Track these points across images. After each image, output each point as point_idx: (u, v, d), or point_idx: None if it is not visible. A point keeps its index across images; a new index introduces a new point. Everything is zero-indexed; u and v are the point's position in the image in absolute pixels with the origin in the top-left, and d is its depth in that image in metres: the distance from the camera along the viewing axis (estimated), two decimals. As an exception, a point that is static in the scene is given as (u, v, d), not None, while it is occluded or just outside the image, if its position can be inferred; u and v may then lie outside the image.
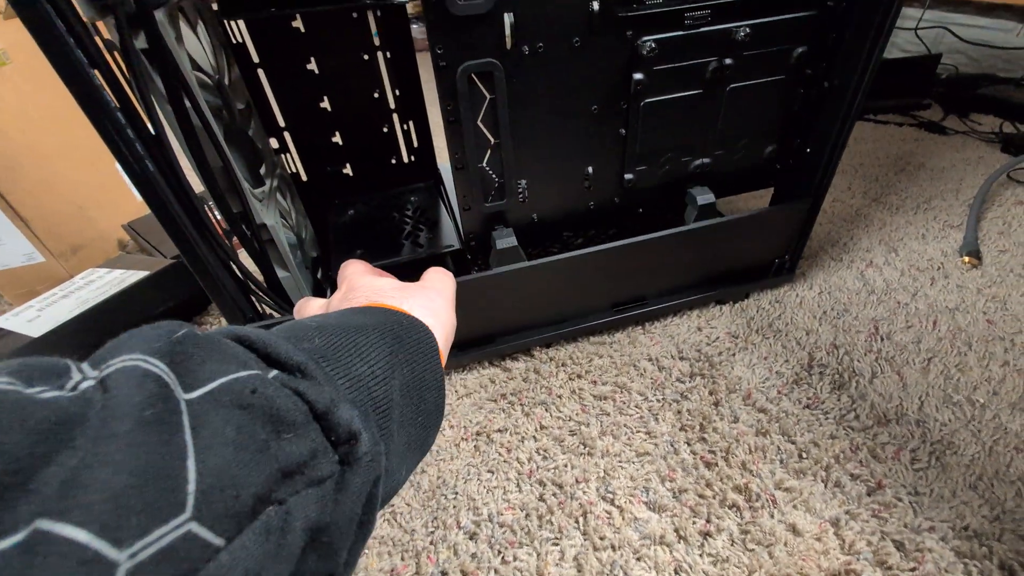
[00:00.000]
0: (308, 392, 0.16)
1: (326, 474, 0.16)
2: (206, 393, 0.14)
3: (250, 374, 0.15)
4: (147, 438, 0.12)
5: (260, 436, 0.14)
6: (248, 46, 0.53)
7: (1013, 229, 0.68)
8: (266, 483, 0.14)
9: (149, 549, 0.11)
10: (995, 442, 0.44)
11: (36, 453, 0.11)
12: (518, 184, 0.48)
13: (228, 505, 0.13)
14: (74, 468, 0.11)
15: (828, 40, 0.47)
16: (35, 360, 0.13)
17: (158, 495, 0.12)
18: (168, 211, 0.37)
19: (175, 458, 0.12)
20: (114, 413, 0.12)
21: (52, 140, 0.74)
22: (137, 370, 0.13)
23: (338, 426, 0.16)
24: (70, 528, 0.10)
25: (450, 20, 0.37)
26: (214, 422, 0.14)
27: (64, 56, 0.30)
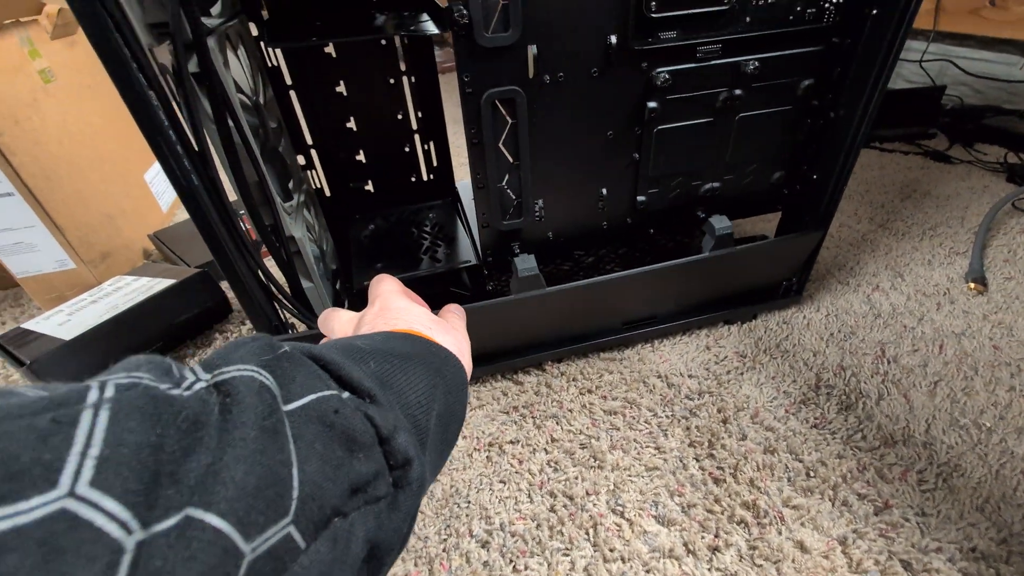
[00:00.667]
0: (376, 417, 0.17)
1: (382, 494, 0.17)
2: (300, 407, 0.15)
3: (332, 394, 0.17)
4: (268, 445, 0.13)
5: (338, 453, 0.16)
6: (283, 69, 0.57)
7: (1018, 257, 0.69)
8: (340, 497, 0.15)
9: (264, 545, 0.12)
10: (1002, 465, 0.45)
11: (183, 446, 0.12)
12: (535, 203, 0.50)
13: (314, 513, 0.14)
14: (209, 464, 0.12)
15: (834, 73, 0.49)
16: (151, 358, 0.14)
17: (275, 498, 0.13)
18: (208, 221, 0.39)
19: (286, 466, 0.14)
20: (242, 419, 0.13)
21: (88, 153, 0.78)
22: (255, 381, 0.15)
23: (397, 452, 0.18)
24: (215, 518, 0.11)
25: (478, 51, 0.40)
26: (307, 435, 0.15)
27: (127, 79, 0.32)
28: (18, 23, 0.69)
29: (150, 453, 0.11)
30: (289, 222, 0.50)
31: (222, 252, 0.41)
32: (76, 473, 0.10)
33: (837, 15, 0.45)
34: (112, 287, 0.70)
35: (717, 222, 0.53)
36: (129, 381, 0.12)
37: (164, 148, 0.35)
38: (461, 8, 0.38)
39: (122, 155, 0.86)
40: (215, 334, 0.71)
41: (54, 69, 0.74)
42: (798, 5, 0.44)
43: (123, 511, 0.10)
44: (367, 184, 0.69)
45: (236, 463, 0.13)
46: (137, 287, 0.69)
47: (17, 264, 0.73)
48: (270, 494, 0.13)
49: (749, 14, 0.44)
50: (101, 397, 0.11)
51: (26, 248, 0.72)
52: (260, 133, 0.49)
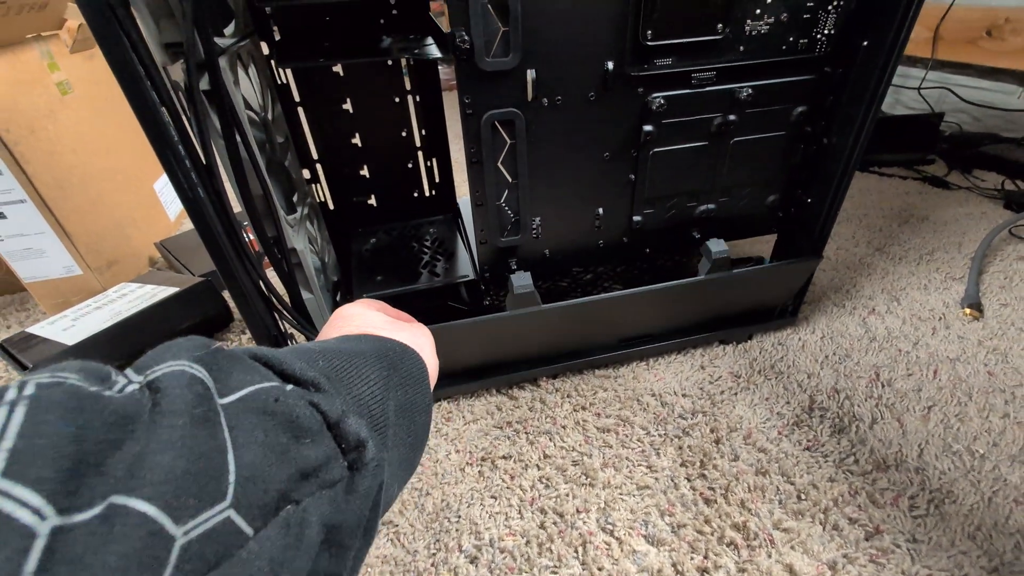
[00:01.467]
0: (322, 403, 0.18)
1: (337, 477, 0.17)
2: (237, 399, 0.16)
3: (272, 385, 0.17)
4: (198, 432, 0.14)
5: (282, 440, 0.16)
6: (292, 87, 0.59)
7: (1015, 284, 0.69)
8: (287, 482, 0.15)
9: (198, 529, 0.13)
10: (994, 493, 0.45)
11: (109, 439, 0.12)
12: (533, 221, 0.51)
13: (258, 498, 0.14)
14: (138, 454, 0.12)
15: (826, 101, 0.50)
16: (85, 363, 0.14)
17: (207, 482, 0.13)
18: (212, 233, 0.40)
19: (219, 452, 0.14)
20: (171, 408, 0.14)
21: (101, 163, 0.80)
22: (185, 374, 0.15)
23: (348, 435, 0.18)
24: (140, 502, 0.12)
25: (479, 74, 0.41)
26: (245, 425, 0.15)
27: (140, 95, 0.34)
28: (40, 37, 0.71)
29: (69, 443, 0.11)
30: (292, 234, 0.51)
31: (224, 262, 0.42)
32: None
33: (829, 45, 0.47)
34: (117, 294, 0.71)
35: (714, 245, 0.53)
36: (51, 380, 0.12)
37: (172, 161, 0.36)
38: (463, 34, 0.39)
39: (134, 165, 0.88)
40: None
41: (72, 82, 0.76)
42: (791, 35, 0.46)
43: (35, 498, 0.10)
44: (370, 198, 0.70)
45: (164, 449, 0.13)
46: (141, 294, 0.70)
47: (25, 269, 0.74)
48: (202, 478, 0.13)
49: (742, 43, 0.45)
50: (19, 395, 0.12)
51: (35, 254, 0.73)
52: (267, 148, 0.51)
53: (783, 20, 0.45)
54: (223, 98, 0.39)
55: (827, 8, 0.45)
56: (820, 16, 0.45)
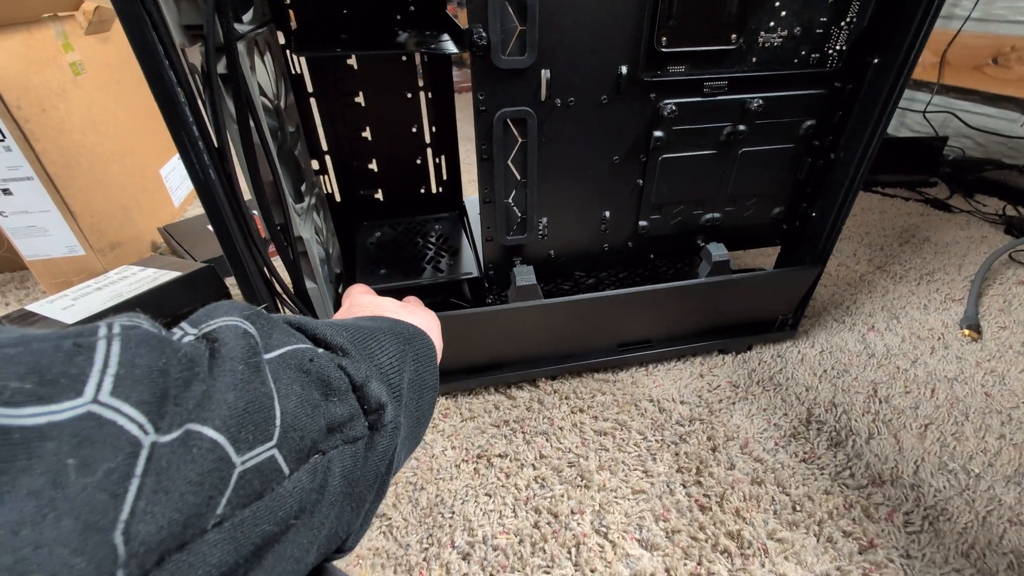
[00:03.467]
0: (349, 367, 0.19)
1: (359, 435, 0.19)
2: (278, 356, 0.17)
3: (307, 347, 0.19)
4: (252, 377, 0.15)
5: (315, 395, 0.17)
6: (305, 77, 0.59)
7: (1013, 307, 0.70)
8: (318, 433, 0.17)
9: (251, 461, 0.14)
10: (989, 512, 0.45)
11: (183, 377, 0.14)
12: (539, 221, 0.52)
13: (296, 443, 0.16)
14: (205, 392, 0.14)
15: (835, 117, 0.51)
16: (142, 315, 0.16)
17: (261, 421, 0.15)
18: (221, 215, 0.40)
19: (268, 397, 0.16)
20: (230, 355, 0.15)
21: (109, 145, 0.80)
22: (238, 327, 0.17)
23: (370, 398, 0.20)
24: (211, 431, 0.13)
25: (494, 72, 0.42)
26: (284, 378, 0.17)
27: (158, 75, 0.34)
28: (56, 17, 0.71)
29: (159, 375, 0.13)
30: (299, 222, 0.51)
31: (231, 245, 0.42)
32: (98, 386, 0.12)
33: (840, 61, 0.47)
34: (118, 276, 0.71)
35: (714, 249, 0.54)
36: (131, 323, 0.14)
37: (186, 142, 0.37)
38: (480, 31, 0.40)
39: (142, 149, 0.88)
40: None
41: (85, 63, 0.76)
42: (803, 49, 0.46)
43: (140, 415, 0.12)
44: (377, 192, 0.70)
45: (227, 389, 0.14)
46: (143, 277, 0.70)
47: (28, 247, 0.74)
48: (257, 418, 0.15)
49: (755, 54, 0.46)
50: (110, 332, 0.13)
51: (38, 232, 0.73)
52: (278, 135, 0.51)
53: (796, 34, 0.45)
54: (239, 82, 0.40)
55: (839, 24, 0.45)
56: (832, 32, 0.46)
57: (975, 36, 1.08)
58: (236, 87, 0.40)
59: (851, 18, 0.45)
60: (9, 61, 0.65)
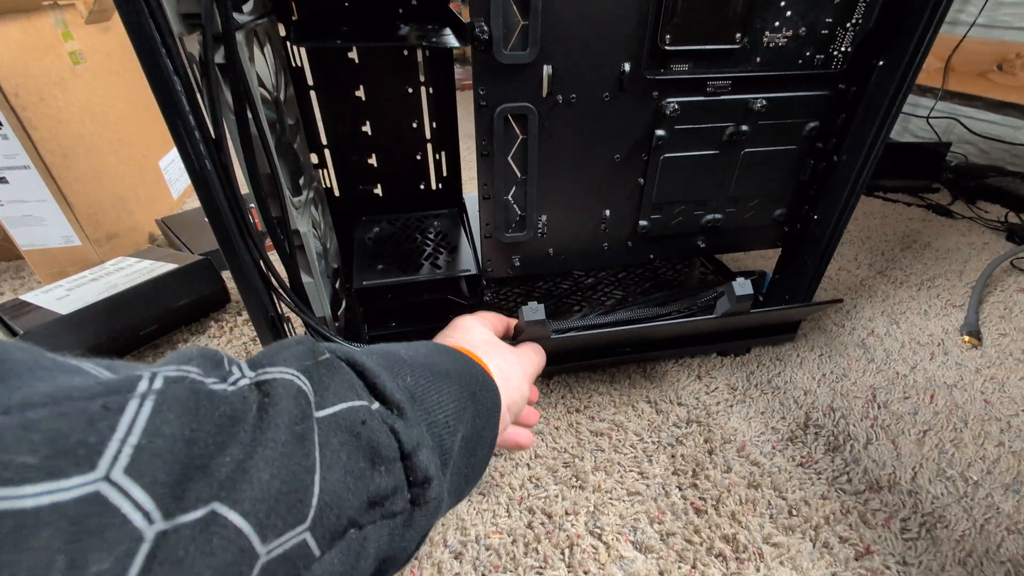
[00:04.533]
0: (401, 432, 0.18)
1: (399, 510, 0.17)
2: (330, 415, 0.16)
3: (362, 404, 0.17)
4: (295, 450, 0.14)
5: (361, 464, 0.16)
6: (305, 70, 0.58)
7: (1014, 314, 0.69)
8: (358, 509, 0.16)
9: (279, 549, 0.13)
10: (987, 520, 0.44)
11: (217, 441, 0.13)
12: (538, 219, 0.51)
13: (332, 522, 0.15)
14: (240, 461, 0.13)
15: (839, 119, 0.50)
16: (204, 351, 0.15)
17: (295, 503, 0.13)
18: (216, 207, 0.40)
19: (309, 473, 0.14)
20: (275, 421, 0.14)
21: (108, 135, 0.80)
22: (293, 385, 0.15)
23: (418, 468, 0.18)
24: (237, 516, 0.12)
25: (495, 66, 0.41)
26: (333, 443, 0.15)
27: (155, 64, 0.33)
28: (56, 5, 0.71)
29: (183, 446, 0.12)
30: (296, 216, 0.51)
31: (227, 237, 0.41)
32: (114, 458, 0.11)
33: (844, 63, 0.47)
34: (114, 267, 0.70)
35: (739, 288, 0.47)
36: (178, 374, 0.13)
37: (182, 132, 0.36)
38: (482, 24, 0.39)
39: (140, 140, 0.88)
40: (211, 322, 0.71)
41: (85, 52, 0.76)
42: (807, 50, 0.46)
43: (148, 501, 0.11)
44: (376, 188, 0.70)
45: (264, 465, 0.13)
46: (139, 269, 0.69)
47: (23, 236, 0.74)
48: (292, 499, 0.13)
49: (760, 54, 0.45)
50: (149, 388, 0.12)
51: (34, 221, 0.73)
52: (276, 128, 0.51)
53: (801, 34, 0.45)
54: (237, 73, 0.39)
55: (845, 26, 0.45)
56: (838, 33, 0.45)
57: (980, 42, 1.08)
58: (234, 78, 0.39)
59: (857, 19, 0.45)
60: (7, 49, 0.65)
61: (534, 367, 0.33)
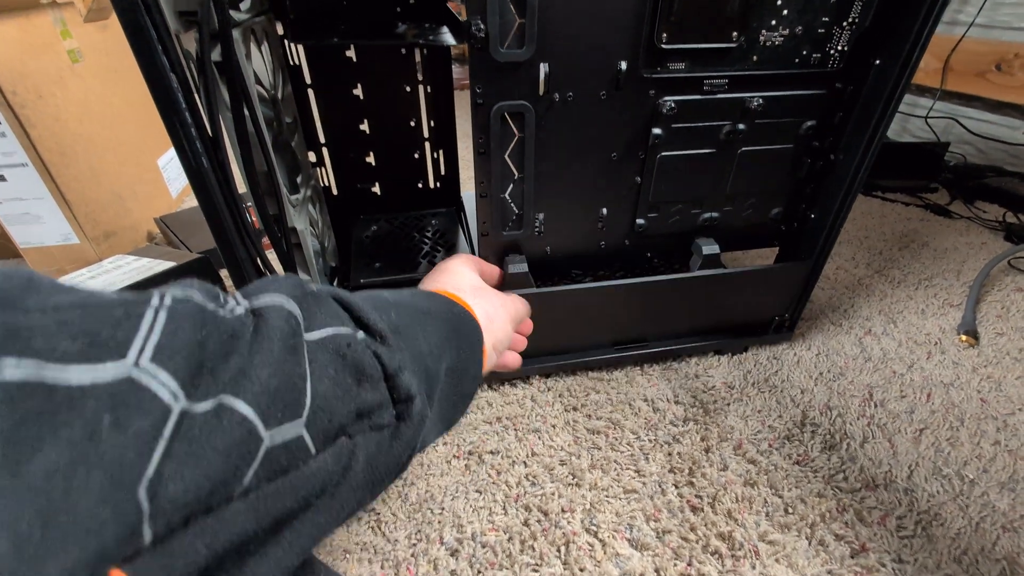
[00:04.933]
0: (384, 355, 0.20)
1: (386, 423, 0.19)
2: (318, 338, 0.18)
3: (347, 331, 0.19)
4: (288, 357, 0.16)
5: (347, 380, 0.18)
6: (303, 68, 0.58)
7: (1011, 314, 0.69)
8: (347, 417, 0.17)
9: (279, 437, 0.15)
10: (982, 519, 0.44)
11: (222, 351, 0.15)
12: (536, 217, 0.51)
13: (324, 424, 0.16)
14: (241, 367, 0.15)
15: (835, 118, 0.50)
16: (203, 284, 0.16)
17: (292, 400, 0.15)
18: (213, 204, 0.40)
19: (301, 378, 0.16)
20: (270, 334, 0.16)
21: (106, 133, 0.80)
22: (283, 308, 0.17)
23: (401, 387, 0.20)
24: (242, 404, 0.14)
25: (492, 64, 0.41)
26: (321, 360, 0.17)
27: (150, 59, 0.34)
28: (55, 3, 0.71)
29: (196, 347, 0.14)
30: (293, 214, 0.51)
31: (224, 235, 0.41)
32: (140, 351, 0.13)
33: (841, 62, 0.47)
34: (112, 265, 0.70)
35: (704, 243, 0.55)
36: (184, 295, 0.15)
37: (179, 129, 0.36)
38: (479, 22, 0.39)
39: (139, 139, 0.88)
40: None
41: (83, 50, 0.76)
42: (804, 49, 0.46)
43: (173, 382, 0.13)
44: (374, 186, 0.70)
45: (262, 366, 0.15)
46: (137, 267, 0.69)
47: (21, 234, 0.74)
48: (288, 396, 0.15)
49: (756, 53, 0.45)
50: (161, 303, 0.14)
51: (32, 219, 0.73)
52: (274, 125, 0.51)
53: (797, 33, 0.45)
54: (233, 70, 0.39)
55: (842, 24, 0.45)
56: (834, 32, 0.45)
57: (978, 42, 1.08)
58: (231, 75, 0.39)
59: (853, 18, 0.45)
60: (6, 47, 0.65)
61: (519, 312, 0.35)
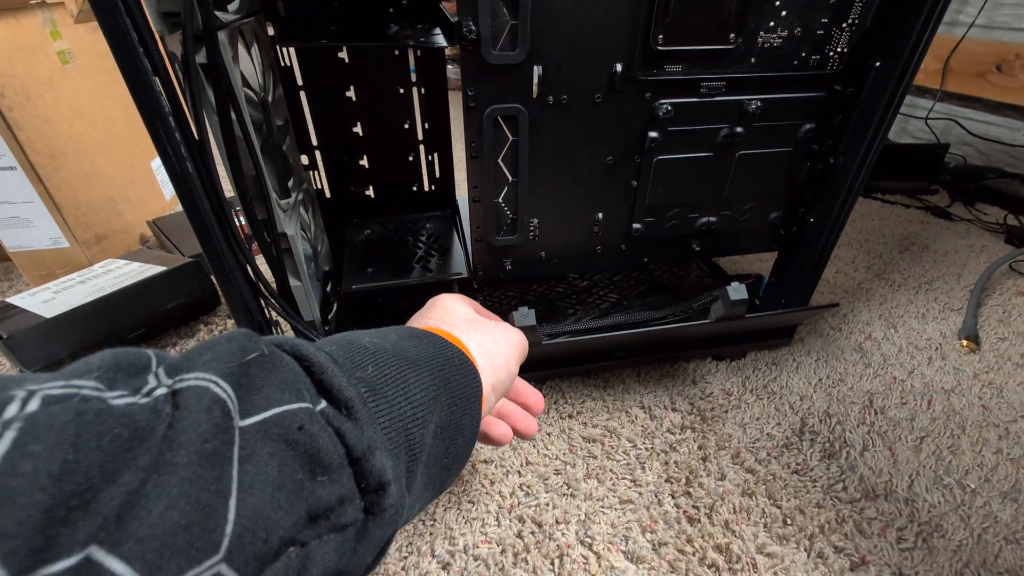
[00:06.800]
0: (348, 435, 0.16)
1: (349, 521, 0.16)
2: (259, 422, 0.14)
3: (300, 407, 0.15)
4: (201, 472, 0.12)
5: (298, 476, 0.14)
6: (295, 70, 0.58)
7: (1013, 318, 0.69)
8: (295, 526, 0.14)
9: None
10: (984, 530, 0.43)
11: (105, 471, 0.11)
12: (530, 222, 0.50)
13: (257, 548, 0.13)
14: (133, 492, 0.11)
15: (835, 120, 0.49)
16: (123, 356, 0.13)
17: (199, 536, 0.12)
18: (199, 210, 0.39)
19: (220, 496, 0.12)
20: (178, 439, 0.12)
21: (97, 136, 0.79)
22: (208, 393, 0.14)
23: (370, 474, 0.16)
24: (118, 563, 0.10)
25: (484, 67, 0.40)
26: (260, 456, 0.14)
27: (131, 62, 0.33)
28: (44, 4, 0.70)
29: (52, 484, 0.10)
30: (283, 218, 0.50)
31: (210, 241, 0.40)
32: None
33: (840, 64, 0.46)
34: (103, 269, 0.70)
35: (734, 292, 0.48)
36: (62, 392, 0.11)
37: (162, 133, 0.35)
38: (470, 24, 0.38)
39: (132, 141, 0.87)
40: (200, 325, 0.70)
41: (74, 51, 0.75)
42: (803, 51, 0.45)
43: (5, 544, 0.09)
44: (368, 189, 0.69)
45: (159, 494, 0.11)
46: (127, 271, 0.68)
47: (10, 238, 0.73)
48: (194, 532, 0.12)
49: (754, 55, 0.44)
50: (18, 413, 0.10)
51: (22, 223, 0.72)
52: (263, 129, 0.50)
53: (796, 35, 0.44)
54: (219, 73, 0.38)
55: (841, 26, 0.44)
56: (833, 33, 0.45)
57: (979, 43, 1.07)
58: (216, 78, 0.38)
59: (853, 19, 0.44)
60: (-7, 48, 0.64)
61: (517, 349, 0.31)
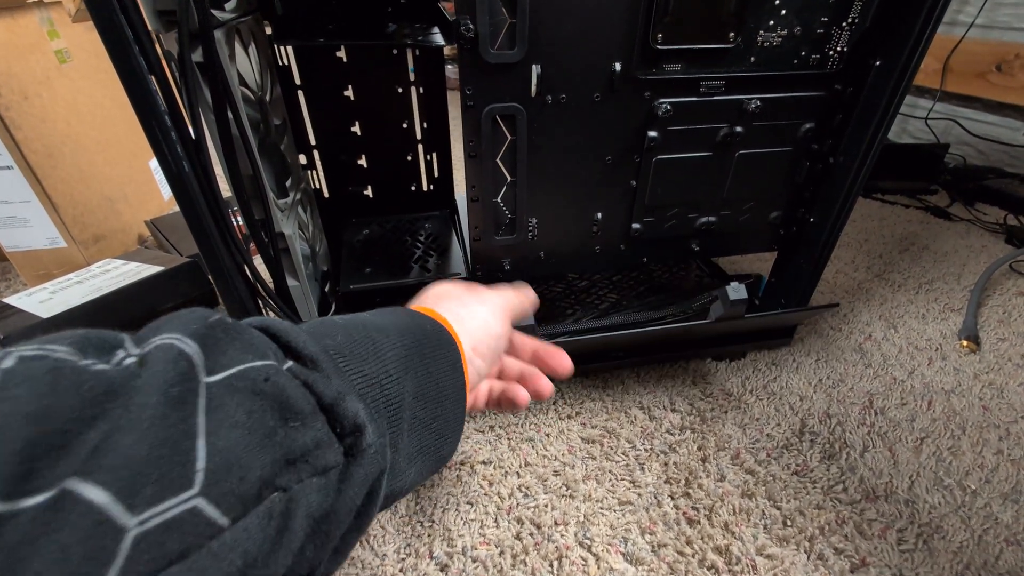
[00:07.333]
0: (316, 384, 0.17)
1: (331, 463, 0.16)
2: (224, 377, 0.15)
3: (265, 364, 0.16)
4: (168, 413, 0.13)
5: (268, 423, 0.15)
6: (293, 69, 0.57)
7: (1013, 319, 0.68)
8: (271, 468, 0.14)
9: (157, 518, 0.12)
10: (985, 531, 0.43)
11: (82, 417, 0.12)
12: (529, 221, 0.50)
13: (234, 486, 0.13)
14: (106, 432, 0.12)
15: (835, 120, 0.49)
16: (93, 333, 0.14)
17: (171, 468, 0.12)
18: (195, 210, 0.39)
19: (187, 436, 0.13)
20: (146, 385, 0.13)
21: (95, 135, 0.79)
22: (173, 348, 0.14)
23: (344, 418, 0.17)
24: (92, 488, 0.11)
25: (482, 66, 0.40)
26: (228, 405, 0.14)
27: (126, 60, 0.32)
28: (41, 3, 0.70)
29: (29, 423, 0.11)
30: (281, 218, 0.50)
31: (206, 241, 0.40)
32: None
33: (840, 63, 0.46)
34: (100, 269, 0.69)
35: (733, 292, 0.48)
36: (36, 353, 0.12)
37: (158, 132, 0.35)
38: (468, 22, 0.38)
39: (129, 140, 0.87)
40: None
41: (71, 50, 0.75)
42: (803, 50, 0.45)
43: None
44: (366, 189, 0.69)
45: (128, 431, 0.12)
46: (125, 271, 0.68)
47: (7, 237, 0.73)
48: (164, 465, 0.12)
49: (754, 54, 0.44)
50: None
51: (19, 223, 0.72)
52: (260, 128, 0.49)
53: (796, 34, 0.44)
54: (216, 71, 0.38)
55: (841, 25, 0.44)
56: (833, 32, 0.44)
57: (979, 43, 1.07)
58: (213, 77, 0.38)
59: (853, 18, 0.44)
60: (-10, 47, 0.64)
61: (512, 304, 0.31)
